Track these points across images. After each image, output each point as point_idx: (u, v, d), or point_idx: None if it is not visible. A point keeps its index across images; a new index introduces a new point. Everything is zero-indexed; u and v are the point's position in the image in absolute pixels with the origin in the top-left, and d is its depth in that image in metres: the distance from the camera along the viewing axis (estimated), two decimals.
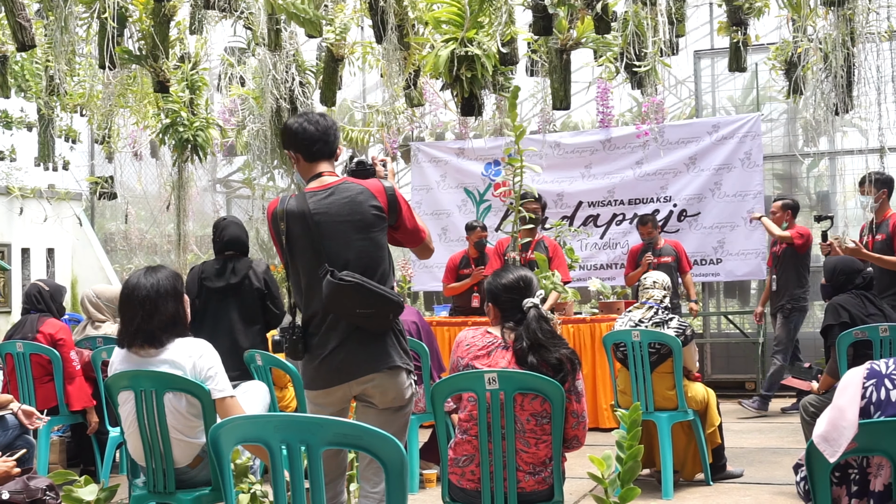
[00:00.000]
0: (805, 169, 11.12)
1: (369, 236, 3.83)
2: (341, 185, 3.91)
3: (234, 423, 2.51)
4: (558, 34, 6.75)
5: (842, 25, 6.42)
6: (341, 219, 3.83)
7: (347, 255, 3.80)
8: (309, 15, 6.72)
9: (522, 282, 3.88)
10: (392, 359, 3.82)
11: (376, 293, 3.73)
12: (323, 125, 4.01)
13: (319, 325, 3.86)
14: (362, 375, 3.80)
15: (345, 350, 3.81)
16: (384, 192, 3.92)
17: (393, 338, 3.86)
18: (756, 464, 6.68)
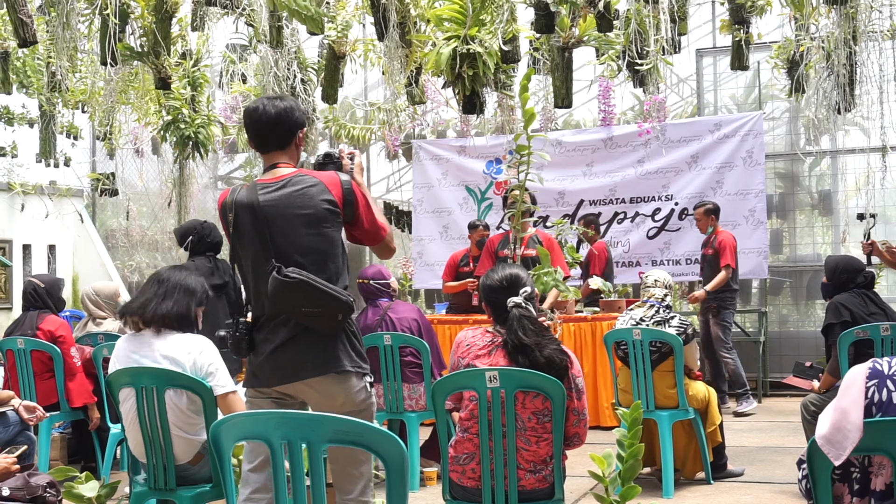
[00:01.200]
0: (807, 167, 11.11)
1: (321, 232, 3.63)
2: (295, 177, 3.69)
3: (235, 419, 2.51)
4: (560, 32, 6.75)
5: (844, 24, 6.42)
6: (291, 212, 3.63)
7: (296, 250, 3.62)
8: (310, 12, 6.72)
9: (506, 281, 3.86)
10: (341, 362, 3.60)
11: (324, 292, 3.52)
12: (274, 114, 3.72)
13: (267, 323, 3.68)
14: (307, 377, 3.61)
15: (291, 349, 3.62)
16: (339, 185, 3.70)
17: (344, 340, 3.64)
18: (757, 462, 6.67)
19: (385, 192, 14.88)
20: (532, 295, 3.86)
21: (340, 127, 11.72)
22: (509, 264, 4.23)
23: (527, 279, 3.92)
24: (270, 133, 3.75)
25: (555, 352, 3.67)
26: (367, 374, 3.73)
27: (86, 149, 12.73)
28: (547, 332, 3.77)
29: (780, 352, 10.29)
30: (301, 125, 3.80)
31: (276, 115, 3.72)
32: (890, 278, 10.50)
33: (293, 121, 3.76)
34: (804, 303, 10.87)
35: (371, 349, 6.19)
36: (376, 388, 6.30)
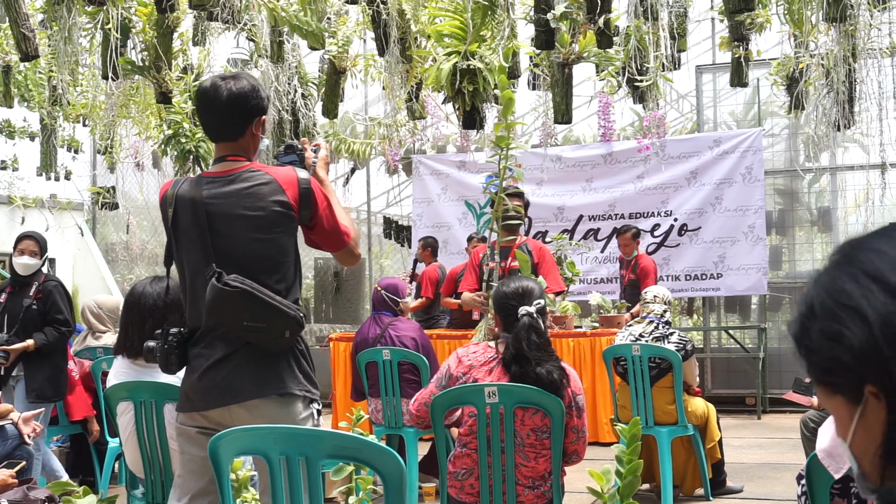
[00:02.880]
0: (806, 184, 11.13)
1: (270, 236, 3.19)
2: (245, 172, 3.23)
3: (234, 434, 2.51)
4: (560, 48, 6.77)
5: (843, 41, 6.44)
6: (237, 212, 3.18)
7: (241, 256, 3.18)
8: (311, 27, 6.74)
9: (522, 289, 3.81)
10: (284, 384, 3.17)
11: (269, 305, 3.10)
12: (226, 98, 3.23)
13: (204, 336, 3.24)
14: (245, 399, 3.16)
15: (229, 366, 3.18)
16: (296, 183, 3.22)
17: (291, 360, 3.21)
18: (756, 479, 6.66)
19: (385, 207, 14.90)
20: (545, 309, 3.83)
21: (341, 142, 11.75)
22: (525, 277, 4.16)
23: (540, 293, 3.88)
24: (221, 119, 3.28)
25: (554, 369, 3.64)
26: (316, 399, 3.29)
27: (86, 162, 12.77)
28: (550, 350, 3.73)
29: (779, 368, 10.28)
30: (259, 112, 3.30)
31: (228, 100, 3.22)
32: None
33: (249, 106, 3.26)
34: None
35: (370, 364, 6.19)
36: (374, 402, 6.30)
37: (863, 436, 1.05)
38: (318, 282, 13.24)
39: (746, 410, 9.96)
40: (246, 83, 3.26)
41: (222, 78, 3.28)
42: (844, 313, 1.04)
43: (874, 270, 1.05)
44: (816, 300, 1.09)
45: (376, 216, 14.00)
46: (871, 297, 1.03)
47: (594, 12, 5.88)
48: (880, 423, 1.02)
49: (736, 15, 6.80)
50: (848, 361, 1.03)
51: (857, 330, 1.02)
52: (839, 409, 1.09)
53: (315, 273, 13.43)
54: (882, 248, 1.08)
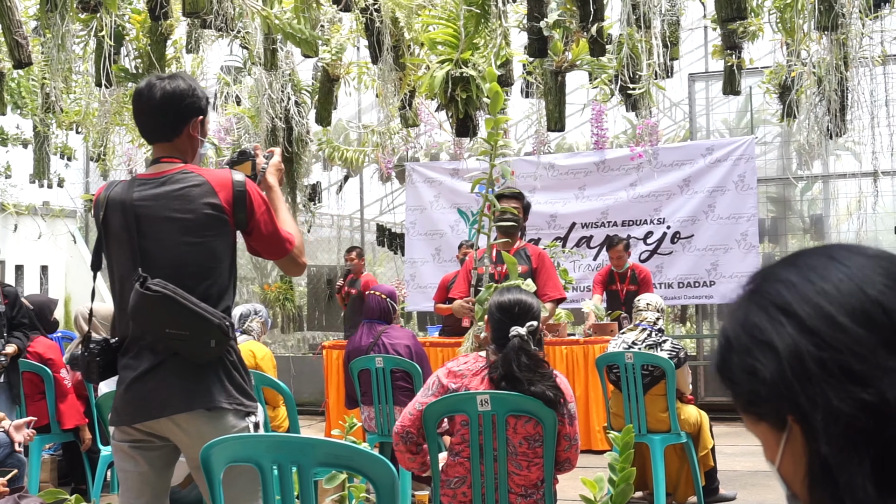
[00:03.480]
0: (799, 192, 11.16)
1: (201, 240, 3.07)
2: (178, 174, 3.13)
3: (225, 442, 2.50)
4: (553, 56, 6.78)
5: (835, 50, 6.46)
6: (166, 215, 3.08)
7: (169, 260, 3.07)
8: (305, 35, 6.74)
9: (518, 307, 3.73)
10: (213, 397, 3.02)
11: (191, 311, 2.95)
12: (160, 98, 3.14)
13: (132, 346, 3.13)
14: (173, 413, 3.03)
15: (156, 379, 3.05)
16: (230, 185, 3.10)
17: (220, 371, 3.07)
18: (749, 487, 6.67)
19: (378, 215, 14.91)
20: (537, 329, 3.77)
21: (334, 149, 11.75)
22: (525, 292, 4.01)
23: (537, 312, 3.81)
24: (156, 119, 3.19)
25: (547, 387, 3.61)
26: (252, 412, 3.13)
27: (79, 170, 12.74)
28: (542, 368, 3.67)
29: None
30: (197, 112, 3.20)
31: (162, 99, 3.14)
32: None
33: (184, 106, 3.17)
34: None
35: (363, 371, 6.19)
36: (367, 410, 6.29)
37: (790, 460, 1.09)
38: (311, 289, 13.24)
39: (739, 418, 9.90)
40: (182, 83, 3.17)
41: (158, 78, 3.20)
42: (757, 347, 1.08)
43: (783, 303, 1.08)
44: (732, 334, 1.13)
45: (369, 224, 14.00)
46: (780, 330, 1.06)
47: (587, 20, 5.89)
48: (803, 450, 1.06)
49: (728, 23, 6.82)
50: (765, 394, 1.06)
51: (768, 363, 1.05)
52: (765, 434, 1.12)
53: (308, 281, 13.43)
54: (791, 279, 1.11)
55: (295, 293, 13.15)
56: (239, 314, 6.81)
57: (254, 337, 6.68)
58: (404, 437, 3.75)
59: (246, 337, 6.64)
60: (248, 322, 6.74)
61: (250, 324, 6.74)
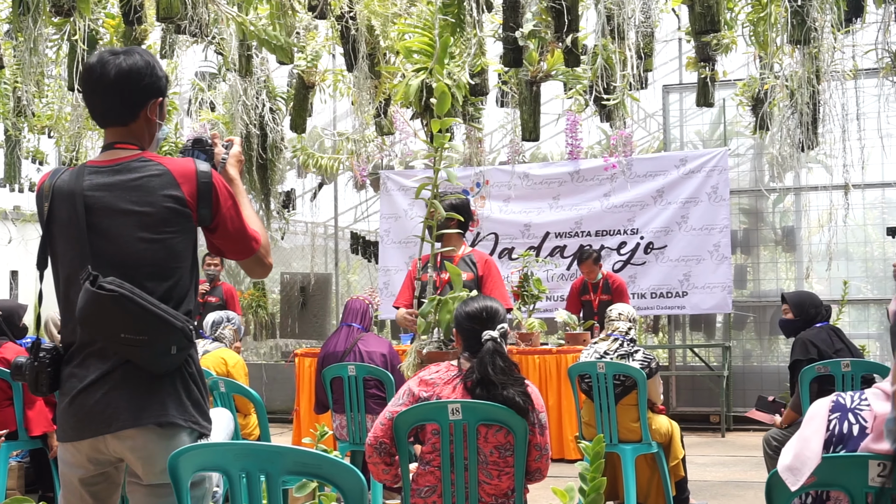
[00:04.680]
0: (771, 204, 11.24)
1: (160, 237, 2.75)
2: (134, 161, 2.79)
3: (194, 450, 2.48)
4: (528, 66, 6.81)
5: (807, 63, 6.52)
6: (122, 208, 2.74)
7: (123, 258, 2.73)
8: (280, 42, 6.73)
9: (486, 313, 3.77)
10: (167, 412, 2.71)
11: (151, 313, 2.64)
12: (114, 76, 2.79)
13: (78, 352, 2.79)
14: (119, 429, 2.70)
15: (103, 390, 2.72)
16: (194, 177, 2.79)
17: (178, 383, 2.76)
18: (719, 497, 6.69)
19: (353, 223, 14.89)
20: (507, 332, 3.82)
21: (309, 157, 11.73)
22: (489, 297, 4.03)
23: (503, 315, 3.84)
24: (109, 101, 2.84)
25: (517, 393, 3.62)
26: (206, 435, 2.82)
27: None
28: (515, 373, 3.70)
29: (743, 386, 10.36)
30: (155, 92, 2.87)
31: (117, 77, 2.79)
32: (852, 314, 10.61)
33: (142, 86, 2.83)
34: (768, 338, 10.96)
35: (335, 379, 6.17)
36: (339, 418, 6.26)
37: None
38: (285, 297, 13.19)
39: (710, 428, 10.02)
40: (139, 59, 2.82)
41: (112, 53, 2.83)
42: None
43: None
44: None
45: (344, 231, 13.98)
46: None
47: (562, 31, 5.91)
48: None
49: (702, 36, 6.87)
50: None
51: None
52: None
53: (281, 288, 13.38)
54: None
55: (268, 300, 13.10)
56: (211, 321, 6.77)
57: (226, 344, 6.65)
58: (378, 448, 3.73)
59: (218, 344, 6.61)
60: (220, 329, 6.71)
61: (222, 331, 6.71)
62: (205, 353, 6.49)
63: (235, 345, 6.78)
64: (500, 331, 3.73)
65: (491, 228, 10.95)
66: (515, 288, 8.85)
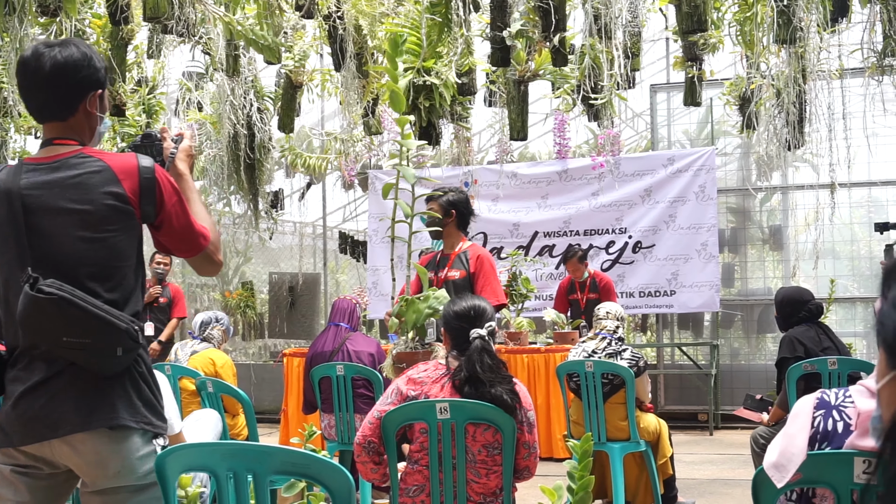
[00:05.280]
0: (758, 202, 11.27)
1: (101, 236, 2.65)
2: (73, 157, 2.69)
3: (181, 451, 2.48)
4: (516, 66, 6.82)
5: (794, 63, 6.55)
6: (61, 206, 2.64)
7: (64, 258, 2.63)
8: (267, 41, 6.73)
9: (473, 311, 3.79)
10: (116, 413, 2.61)
11: (94, 315, 2.54)
12: (50, 68, 2.70)
13: (22, 356, 2.68)
14: (68, 433, 2.59)
15: (49, 393, 2.61)
16: (136, 172, 2.69)
17: (128, 384, 2.66)
18: (707, 495, 6.71)
19: (341, 222, 14.88)
20: (495, 331, 3.83)
21: (297, 156, 11.72)
22: (476, 296, 4.05)
23: (491, 314, 3.86)
24: (46, 95, 2.74)
25: (505, 391, 3.63)
26: (161, 434, 2.74)
27: None
28: (503, 371, 3.72)
29: (731, 384, 10.39)
30: (94, 85, 2.77)
31: (53, 70, 2.69)
32: (839, 312, 10.65)
33: (80, 78, 2.73)
34: (755, 336, 10.99)
35: (324, 379, 6.17)
36: (328, 418, 6.26)
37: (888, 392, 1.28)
38: (273, 297, 13.17)
39: (699, 426, 10.04)
40: (76, 50, 2.72)
41: (47, 45, 2.73)
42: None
43: None
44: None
45: (332, 231, 13.97)
46: None
47: (549, 30, 5.93)
48: None
49: (689, 35, 6.90)
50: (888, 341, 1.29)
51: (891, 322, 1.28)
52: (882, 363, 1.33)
53: (270, 288, 13.36)
54: None
55: (256, 300, 13.08)
56: (200, 321, 6.77)
57: (214, 345, 6.64)
58: (366, 448, 3.73)
59: (206, 344, 6.61)
60: (208, 330, 6.71)
61: (211, 331, 6.70)
62: (193, 353, 6.49)
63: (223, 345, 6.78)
64: (487, 329, 3.75)
65: (480, 228, 10.95)
66: (504, 287, 8.86)
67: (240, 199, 9.82)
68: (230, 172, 8.42)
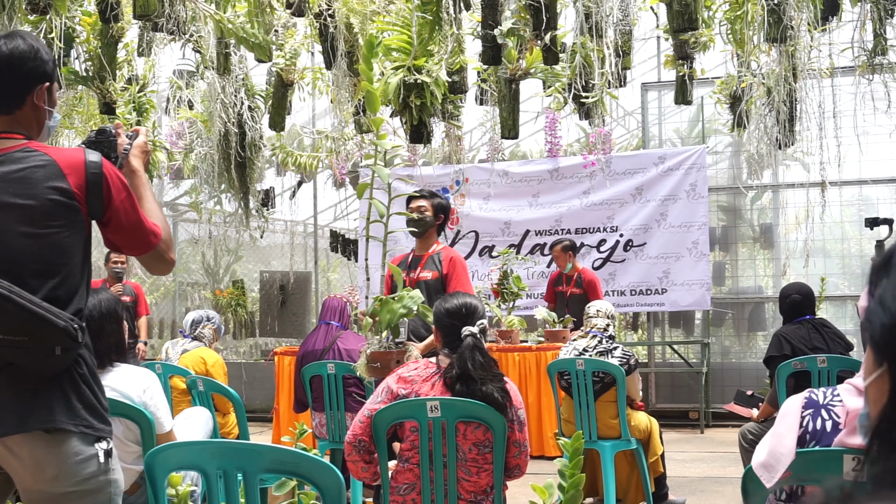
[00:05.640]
0: (749, 201, 11.30)
1: (44, 231, 2.57)
2: (18, 152, 2.62)
3: (171, 449, 2.48)
4: (507, 64, 6.82)
5: (784, 61, 6.55)
6: (4, 201, 2.57)
7: (4, 254, 2.56)
8: (258, 39, 6.71)
9: (466, 309, 3.81)
10: (53, 416, 2.52)
11: (31, 313, 2.46)
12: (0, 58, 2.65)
13: None
14: (2, 435, 2.52)
15: None
16: (82, 167, 2.61)
17: (67, 386, 2.56)
18: (698, 493, 6.72)
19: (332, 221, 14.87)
20: (486, 329, 3.84)
21: (287, 155, 11.70)
22: (467, 294, 4.06)
23: (482, 312, 3.88)
24: None
25: (496, 389, 3.64)
26: (104, 438, 2.62)
27: None
28: (494, 369, 3.73)
29: (722, 382, 10.41)
30: (41, 77, 2.71)
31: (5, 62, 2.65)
32: (830, 310, 10.68)
33: (26, 70, 2.67)
34: (746, 334, 11.02)
35: (315, 377, 6.16)
36: (319, 416, 6.25)
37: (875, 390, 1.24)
38: (264, 295, 13.16)
39: (690, 424, 10.06)
40: (22, 43, 2.67)
41: None
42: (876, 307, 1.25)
43: None
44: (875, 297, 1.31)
45: (323, 230, 13.96)
46: None
47: (540, 28, 5.92)
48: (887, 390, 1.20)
49: (680, 34, 6.90)
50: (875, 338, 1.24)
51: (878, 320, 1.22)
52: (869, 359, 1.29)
53: (261, 286, 13.34)
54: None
55: (247, 299, 13.06)
56: (191, 320, 6.76)
57: (205, 343, 6.63)
58: (357, 446, 3.73)
59: (197, 343, 6.60)
60: (199, 328, 6.70)
61: (202, 330, 6.69)
62: (184, 351, 6.47)
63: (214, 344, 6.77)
64: (479, 327, 3.76)
65: (471, 226, 10.96)
66: (495, 286, 8.87)
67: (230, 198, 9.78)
68: (221, 171, 8.40)
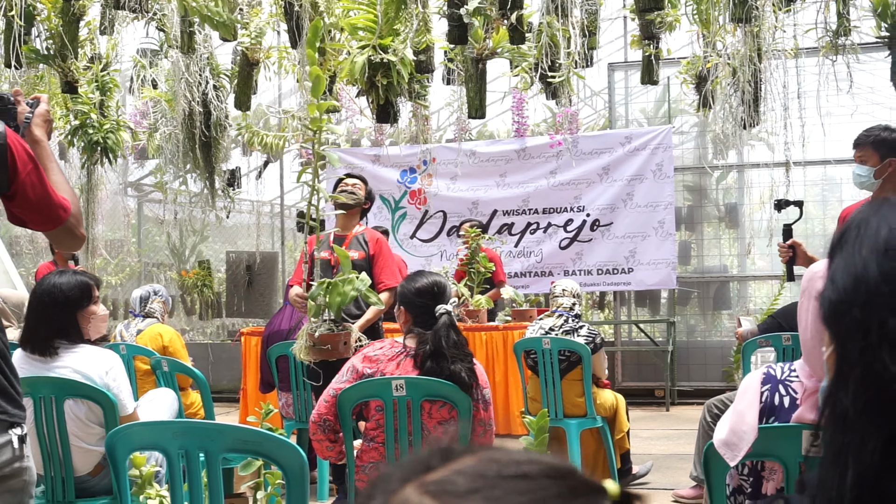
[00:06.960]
0: (714, 181, 11.36)
1: None
2: None
3: (132, 429, 2.47)
4: (474, 43, 6.80)
5: (749, 42, 6.59)
6: None
7: None
8: (223, 18, 6.65)
9: (437, 287, 3.83)
10: None
11: None
12: None
13: None
14: None
15: None
16: None
17: None
18: (663, 469, 6.78)
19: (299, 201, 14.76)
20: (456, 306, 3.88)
21: (254, 134, 11.62)
22: (434, 273, 4.05)
23: (451, 289, 3.91)
24: None
25: (464, 368, 3.66)
26: (18, 423, 2.42)
27: None
28: (465, 348, 3.75)
29: (687, 361, 10.50)
30: None
31: None
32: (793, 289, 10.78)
33: None
34: (711, 313, 11.11)
35: (281, 357, 6.14)
36: (285, 396, 6.24)
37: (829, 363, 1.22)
38: (230, 275, 13.08)
39: (655, 402, 10.14)
40: None
41: None
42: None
43: None
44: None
45: (290, 210, 13.89)
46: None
47: (506, 8, 5.92)
48: None
49: (646, 14, 6.91)
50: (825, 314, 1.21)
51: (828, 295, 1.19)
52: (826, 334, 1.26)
53: (227, 267, 13.26)
54: None
55: (213, 279, 12.99)
56: (138, 297, 6.65)
57: (157, 318, 6.53)
58: (322, 426, 3.73)
59: (150, 320, 6.49)
60: (149, 304, 6.59)
61: (152, 305, 6.59)
62: (138, 332, 6.39)
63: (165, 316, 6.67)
64: (452, 304, 3.79)
65: (439, 206, 10.95)
66: (462, 265, 8.88)
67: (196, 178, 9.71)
68: (186, 150, 8.34)
